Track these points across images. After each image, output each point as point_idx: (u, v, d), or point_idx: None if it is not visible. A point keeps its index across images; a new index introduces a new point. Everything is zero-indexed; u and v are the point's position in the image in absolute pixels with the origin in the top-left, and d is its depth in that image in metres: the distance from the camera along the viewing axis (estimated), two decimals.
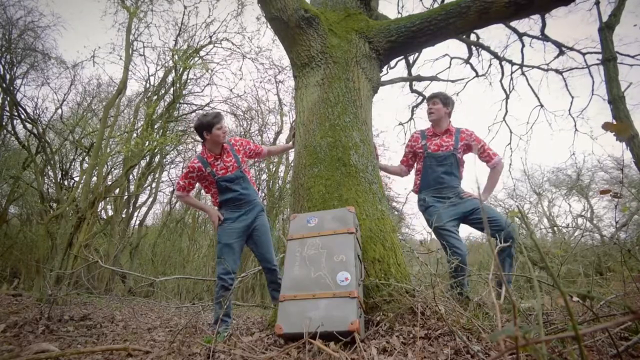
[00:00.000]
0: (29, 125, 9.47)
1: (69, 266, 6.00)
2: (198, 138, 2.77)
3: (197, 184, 2.86)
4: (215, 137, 2.64)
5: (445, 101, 2.76)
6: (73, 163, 11.47)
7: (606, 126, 0.63)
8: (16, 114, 9.37)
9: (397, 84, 6.88)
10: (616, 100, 5.13)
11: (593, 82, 6.29)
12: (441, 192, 2.66)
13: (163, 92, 9.60)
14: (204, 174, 2.70)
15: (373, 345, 1.44)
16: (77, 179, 10.89)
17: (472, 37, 6.32)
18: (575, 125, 6.93)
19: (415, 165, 2.89)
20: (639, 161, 4.84)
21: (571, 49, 6.13)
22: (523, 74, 6.63)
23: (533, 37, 6.18)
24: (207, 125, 2.63)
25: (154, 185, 12.34)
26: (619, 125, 0.60)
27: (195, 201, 3.02)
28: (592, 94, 6.41)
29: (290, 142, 3.01)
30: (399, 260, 2.07)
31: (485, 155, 2.71)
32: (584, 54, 6.15)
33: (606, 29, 5.40)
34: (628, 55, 5.66)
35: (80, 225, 6.56)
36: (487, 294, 2.01)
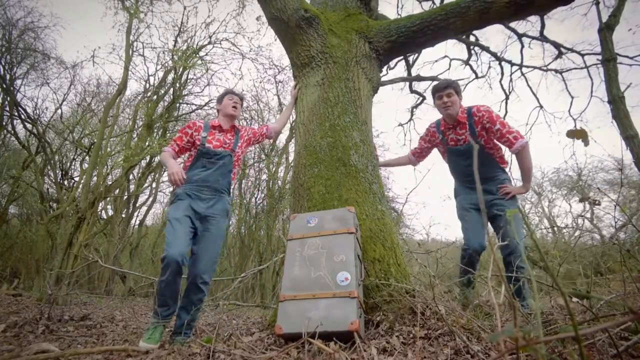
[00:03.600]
0: (29, 125, 9.49)
1: (69, 266, 6.00)
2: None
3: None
4: (224, 106, 2.64)
5: (459, 90, 2.48)
6: (73, 163, 11.49)
7: (570, 134, 0.67)
8: (16, 114, 9.37)
9: (397, 86, 6.89)
10: (616, 100, 5.13)
11: (592, 83, 6.30)
12: (473, 183, 2.48)
13: (163, 92, 9.59)
14: (195, 138, 2.48)
15: (373, 345, 1.44)
16: (77, 179, 10.91)
17: (472, 38, 6.33)
18: (575, 126, 6.94)
19: (443, 157, 2.78)
20: (639, 161, 4.84)
21: (570, 49, 6.13)
22: (523, 75, 6.64)
23: (532, 37, 6.19)
24: (220, 96, 2.70)
25: (154, 185, 12.35)
26: (579, 131, 0.65)
27: (168, 158, 2.45)
28: (592, 96, 6.41)
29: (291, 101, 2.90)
30: (399, 260, 2.07)
31: (505, 140, 2.38)
32: (582, 55, 6.15)
33: (606, 29, 5.40)
34: (627, 57, 5.66)
35: (80, 225, 6.56)
36: (487, 294, 2.01)
